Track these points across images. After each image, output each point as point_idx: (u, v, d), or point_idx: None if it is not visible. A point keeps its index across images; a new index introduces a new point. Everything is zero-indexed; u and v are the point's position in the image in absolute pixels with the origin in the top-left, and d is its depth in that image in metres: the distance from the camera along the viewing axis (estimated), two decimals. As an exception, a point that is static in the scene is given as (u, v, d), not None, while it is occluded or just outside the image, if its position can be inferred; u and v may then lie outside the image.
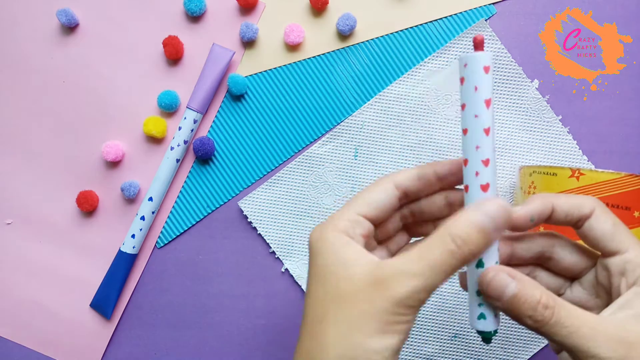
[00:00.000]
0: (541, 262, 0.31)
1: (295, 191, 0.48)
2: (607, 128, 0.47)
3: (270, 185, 0.48)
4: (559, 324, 0.25)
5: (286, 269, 0.49)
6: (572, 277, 0.31)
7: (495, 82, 0.47)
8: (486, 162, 0.27)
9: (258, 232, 0.49)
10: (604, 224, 0.28)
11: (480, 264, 0.27)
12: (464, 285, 0.30)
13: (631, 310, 0.26)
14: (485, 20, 0.47)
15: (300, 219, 0.48)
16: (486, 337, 0.28)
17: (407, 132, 0.48)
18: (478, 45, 0.26)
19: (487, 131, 0.26)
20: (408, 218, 0.32)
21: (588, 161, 0.47)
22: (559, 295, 0.32)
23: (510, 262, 0.31)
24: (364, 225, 0.28)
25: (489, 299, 0.27)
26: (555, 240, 0.30)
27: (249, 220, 0.49)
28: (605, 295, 0.29)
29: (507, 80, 0.47)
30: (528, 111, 0.47)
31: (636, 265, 0.27)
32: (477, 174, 0.27)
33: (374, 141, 0.48)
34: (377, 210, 0.28)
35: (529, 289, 0.26)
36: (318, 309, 0.26)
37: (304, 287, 0.48)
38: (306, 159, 0.48)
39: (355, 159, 0.48)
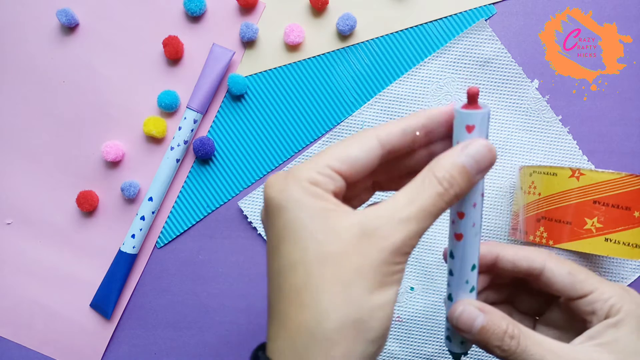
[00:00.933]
0: (532, 279, 0.31)
1: (295, 191, 0.48)
2: (607, 128, 0.47)
3: (270, 185, 0.48)
4: (525, 353, 0.27)
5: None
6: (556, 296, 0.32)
7: (495, 82, 0.47)
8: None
9: (258, 232, 0.49)
10: (560, 276, 0.29)
11: (451, 298, 0.29)
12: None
13: (599, 340, 0.27)
14: (485, 20, 0.47)
15: (300, 219, 0.48)
16: (456, 357, 0.31)
17: (407, 132, 0.48)
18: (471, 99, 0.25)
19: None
20: (381, 176, 0.29)
21: (588, 161, 0.47)
22: (541, 317, 0.33)
23: (496, 267, 0.32)
24: (337, 181, 0.24)
25: (459, 331, 0.28)
26: (548, 257, 0.31)
27: (249, 220, 0.49)
28: (582, 325, 0.30)
29: (507, 80, 0.47)
30: (528, 111, 0.47)
31: (603, 302, 0.28)
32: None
33: (374, 141, 0.48)
34: (353, 169, 0.24)
35: (496, 320, 0.27)
36: (297, 274, 0.22)
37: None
38: (306, 159, 0.48)
39: (355, 159, 0.48)
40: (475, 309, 0.27)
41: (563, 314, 0.32)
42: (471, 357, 0.48)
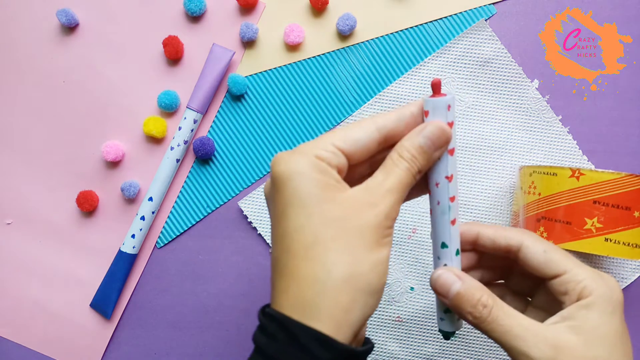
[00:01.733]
0: (512, 256, 0.32)
1: (295, 191, 0.48)
2: (607, 128, 0.47)
3: (270, 185, 0.48)
4: (495, 322, 0.28)
5: (286, 269, 0.49)
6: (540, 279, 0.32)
7: (495, 82, 0.47)
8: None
9: (258, 232, 0.49)
10: (536, 254, 0.30)
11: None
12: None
13: (570, 322, 0.28)
14: (485, 20, 0.47)
15: (300, 219, 0.48)
16: (445, 335, 0.33)
17: (407, 132, 0.48)
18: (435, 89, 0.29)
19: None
20: (378, 163, 0.30)
21: (588, 161, 0.47)
22: (532, 299, 0.34)
23: (477, 245, 0.33)
24: (340, 159, 0.27)
25: (439, 295, 0.30)
26: (525, 235, 0.32)
27: (249, 220, 0.49)
28: (559, 307, 0.31)
29: (507, 80, 0.47)
30: (528, 111, 0.47)
31: (576, 283, 0.29)
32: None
33: (374, 141, 0.48)
34: (355, 148, 0.27)
35: (471, 288, 0.29)
36: (305, 234, 0.25)
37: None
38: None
39: (355, 159, 0.48)
40: (453, 275, 0.30)
41: (547, 296, 0.32)
42: (472, 358, 0.48)
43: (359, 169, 0.30)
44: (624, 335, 0.29)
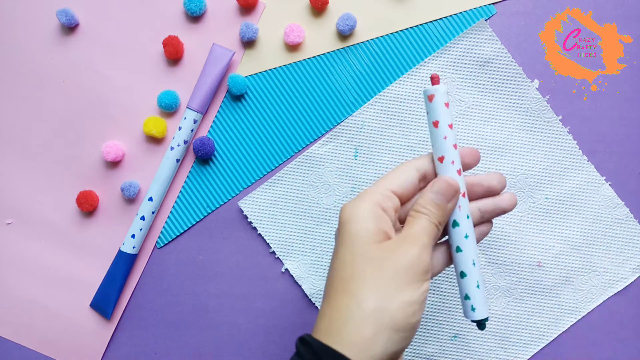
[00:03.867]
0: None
1: (295, 191, 0.48)
2: (607, 128, 0.47)
3: (270, 185, 0.48)
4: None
5: (286, 269, 0.49)
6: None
7: (495, 82, 0.47)
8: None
9: (258, 232, 0.49)
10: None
11: (458, 249, 0.33)
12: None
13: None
14: (485, 20, 0.47)
15: (300, 219, 0.48)
16: (482, 324, 0.33)
17: (407, 132, 0.48)
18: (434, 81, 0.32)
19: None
20: None
21: (588, 161, 0.47)
22: None
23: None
24: (394, 200, 0.31)
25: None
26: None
27: (249, 220, 0.49)
28: None
29: (507, 80, 0.47)
30: (528, 111, 0.47)
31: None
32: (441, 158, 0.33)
33: (374, 141, 0.48)
34: (403, 188, 0.32)
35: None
36: (346, 269, 0.29)
37: (304, 287, 0.48)
38: (306, 159, 0.48)
39: (355, 159, 0.48)
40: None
41: None
42: (472, 358, 0.48)
43: (408, 206, 0.34)
44: None
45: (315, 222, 0.48)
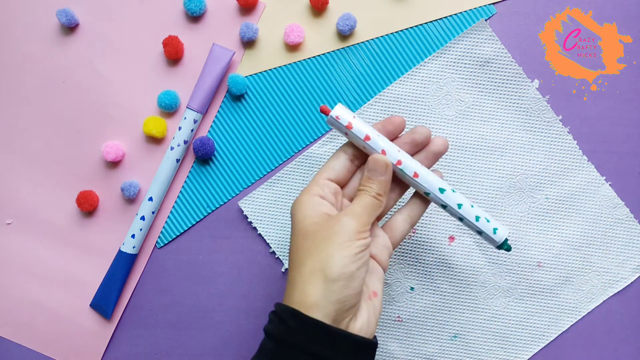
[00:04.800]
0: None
1: (295, 191, 0.48)
2: (607, 128, 0.47)
3: (270, 185, 0.48)
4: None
5: (286, 269, 0.49)
6: None
7: (495, 82, 0.47)
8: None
9: (258, 232, 0.49)
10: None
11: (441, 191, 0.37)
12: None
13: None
14: (485, 20, 0.47)
15: (300, 219, 0.48)
16: (507, 245, 0.37)
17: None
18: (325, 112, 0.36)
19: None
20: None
21: (588, 161, 0.47)
22: None
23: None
24: (331, 186, 0.37)
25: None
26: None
27: (249, 220, 0.49)
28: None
29: (507, 80, 0.47)
30: (528, 111, 0.47)
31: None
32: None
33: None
34: (337, 172, 0.37)
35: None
36: (293, 249, 0.35)
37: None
38: (306, 159, 0.48)
39: (355, 159, 0.48)
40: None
41: None
42: (472, 358, 0.48)
43: (351, 184, 0.38)
44: None
45: (315, 222, 0.48)
